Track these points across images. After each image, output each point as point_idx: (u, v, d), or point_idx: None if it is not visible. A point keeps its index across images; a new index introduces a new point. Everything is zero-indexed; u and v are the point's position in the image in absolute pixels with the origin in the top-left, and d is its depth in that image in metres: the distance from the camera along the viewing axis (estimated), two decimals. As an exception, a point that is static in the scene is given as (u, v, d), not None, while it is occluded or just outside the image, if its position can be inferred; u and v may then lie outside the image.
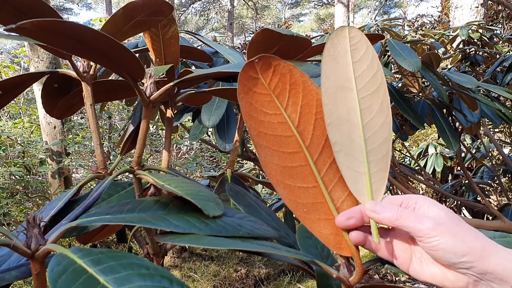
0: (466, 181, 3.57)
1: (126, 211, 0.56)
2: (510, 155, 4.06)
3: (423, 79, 2.07)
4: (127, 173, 0.73)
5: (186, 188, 0.60)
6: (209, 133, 3.23)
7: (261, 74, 0.53)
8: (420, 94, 2.10)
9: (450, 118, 2.21)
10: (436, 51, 2.62)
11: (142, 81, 0.70)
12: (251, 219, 0.59)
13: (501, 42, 4.08)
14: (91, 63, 0.79)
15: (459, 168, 4.04)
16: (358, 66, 0.53)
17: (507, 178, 3.99)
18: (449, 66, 3.42)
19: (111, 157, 4.33)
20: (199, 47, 1.60)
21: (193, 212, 0.56)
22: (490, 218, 3.81)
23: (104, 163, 0.78)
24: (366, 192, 0.52)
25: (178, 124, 2.06)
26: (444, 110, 2.03)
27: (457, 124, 2.34)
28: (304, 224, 0.53)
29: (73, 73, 0.79)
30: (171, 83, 0.65)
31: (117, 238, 1.03)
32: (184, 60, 1.86)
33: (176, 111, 1.88)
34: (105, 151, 4.39)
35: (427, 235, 0.47)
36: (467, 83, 1.67)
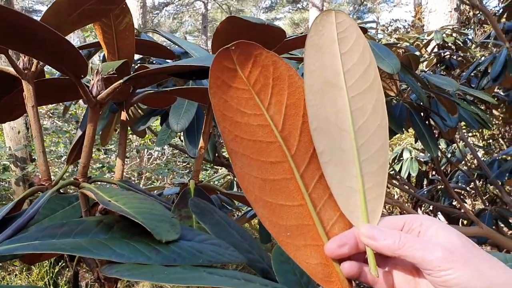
0: (441, 186, 3.55)
1: (60, 235, 0.46)
2: (484, 159, 4.06)
3: (401, 82, 2.01)
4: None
5: (137, 206, 0.49)
6: (182, 137, 3.12)
7: (239, 64, 0.44)
8: (398, 97, 2.03)
9: (427, 122, 2.15)
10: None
11: (90, 78, 0.59)
12: (215, 242, 0.49)
13: (473, 46, 4.10)
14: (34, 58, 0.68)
15: (434, 172, 4.03)
16: (347, 59, 0.43)
17: (481, 182, 3.98)
18: (425, 70, 3.41)
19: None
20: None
21: (142, 236, 0.46)
22: (465, 222, 3.80)
23: (48, 173, 0.67)
24: (360, 213, 0.42)
25: (146, 128, 1.95)
26: (421, 114, 1.97)
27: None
28: (287, 251, 0.43)
29: (12, 70, 0.68)
30: (121, 80, 0.54)
31: (68, 256, 0.91)
32: (151, 59, 1.75)
33: (142, 113, 1.77)
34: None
35: (438, 268, 0.37)
36: (447, 86, 1.61)
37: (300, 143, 0.43)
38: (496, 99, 2.58)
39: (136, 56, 2.06)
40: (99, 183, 0.62)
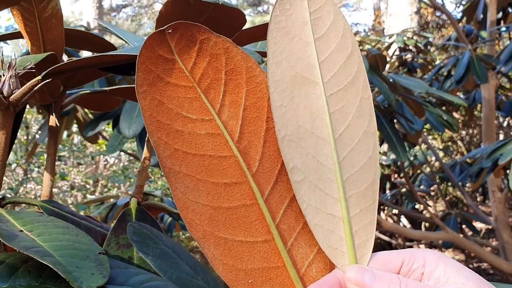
0: (403, 190, 3.55)
1: None
2: (445, 162, 4.09)
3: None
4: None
5: (55, 237, 0.38)
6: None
7: (179, 53, 0.34)
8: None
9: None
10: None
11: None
12: (156, 285, 0.38)
13: (433, 49, 4.15)
14: None
15: (396, 176, 4.04)
16: (323, 45, 0.34)
17: (443, 185, 4.01)
18: (389, 72, 3.43)
19: (32, 174, 3.86)
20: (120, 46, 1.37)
21: (58, 281, 0.34)
22: (427, 225, 3.82)
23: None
24: (345, 249, 0.32)
25: (98, 134, 1.82)
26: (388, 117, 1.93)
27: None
28: None
29: None
30: (38, 77, 0.43)
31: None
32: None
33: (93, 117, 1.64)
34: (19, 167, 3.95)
35: None
36: (416, 88, 1.55)
37: (263, 157, 0.33)
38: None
39: (88, 54, 1.92)
40: (15, 205, 0.50)
